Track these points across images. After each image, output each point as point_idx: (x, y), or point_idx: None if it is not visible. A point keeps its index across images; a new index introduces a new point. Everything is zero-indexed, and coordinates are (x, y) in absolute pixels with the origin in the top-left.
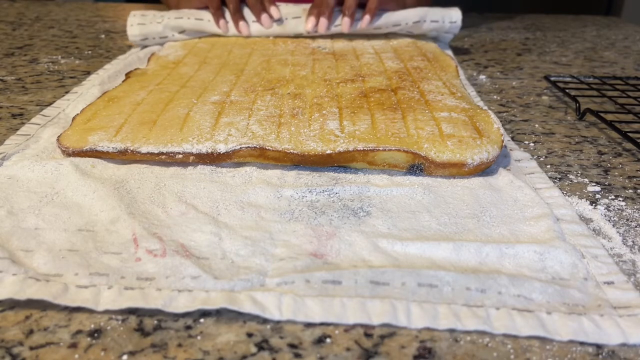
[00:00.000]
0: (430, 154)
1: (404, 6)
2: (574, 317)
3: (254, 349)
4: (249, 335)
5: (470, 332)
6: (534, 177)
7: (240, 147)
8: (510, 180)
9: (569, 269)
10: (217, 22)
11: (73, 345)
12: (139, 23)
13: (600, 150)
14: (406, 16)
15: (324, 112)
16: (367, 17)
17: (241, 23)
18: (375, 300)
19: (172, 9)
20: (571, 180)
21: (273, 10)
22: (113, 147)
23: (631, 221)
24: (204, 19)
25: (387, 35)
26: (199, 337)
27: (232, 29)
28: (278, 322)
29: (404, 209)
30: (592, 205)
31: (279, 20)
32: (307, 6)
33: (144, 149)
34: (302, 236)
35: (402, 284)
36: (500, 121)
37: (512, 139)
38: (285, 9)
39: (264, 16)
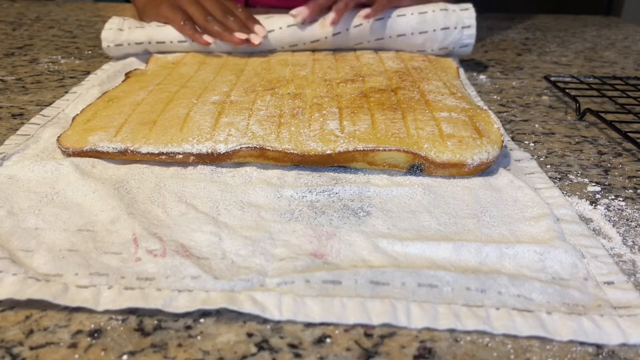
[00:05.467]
0: (430, 154)
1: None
2: (574, 317)
3: (254, 349)
4: (249, 335)
5: (470, 332)
6: (534, 177)
7: (240, 147)
8: (510, 180)
9: (569, 269)
10: (198, 40)
11: (73, 345)
12: (116, 44)
13: (600, 150)
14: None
15: (324, 112)
16: (367, 10)
17: (236, 34)
18: (375, 300)
19: (140, 14)
20: (571, 180)
21: (258, 29)
22: (113, 148)
23: (631, 221)
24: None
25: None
26: (199, 337)
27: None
28: (278, 322)
29: (404, 209)
30: (592, 205)
31: (265, 37)
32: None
33: (144, 149)
34: (302, 236)
35: (402, 284)
36: (500, 121)
37: (512, 139)
38: (281, 20)
39: (252, 36)
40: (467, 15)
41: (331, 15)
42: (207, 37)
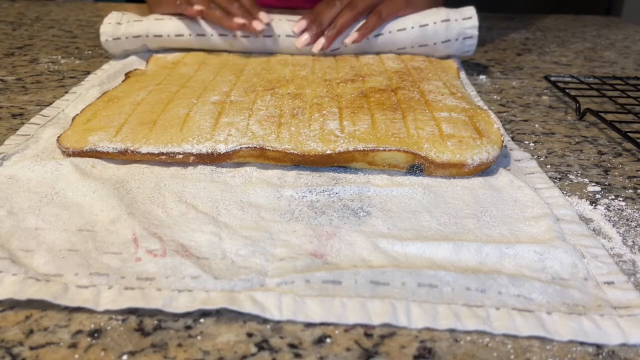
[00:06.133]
0: (430, 154)
1: (413, 8)
2: (574, 317)
3: (254, 349)
4: (249, 335)
5: (470, 332)
6: (534, 177)
7: (240, 147)
8: (510, 180)
9: (569, 269)
10: (185, 10)
11: (73, 345)
12: (114, 38)
13: (600, 150)
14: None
15: (324, 112)
16: (354, 35)
17: (235, 18)
18: (375, 300)
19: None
20: (571, 180)
21: (262, 15)
22: (113, 148)
23: (631, 221)
24: (185, 35)
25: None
26: (199, 337)
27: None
28: (278, 322)
29: (404, 209)
30: (592, 205)
31: (268, 25)
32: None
33: (144, 149)
34: (302, 236)
35: (402, 284)
36: (500, 121)
37: (512, 139)
38: (278, 26)
39: (255, 22)
40: (470, 25)
41: (321, 41)
42: (197, 6)
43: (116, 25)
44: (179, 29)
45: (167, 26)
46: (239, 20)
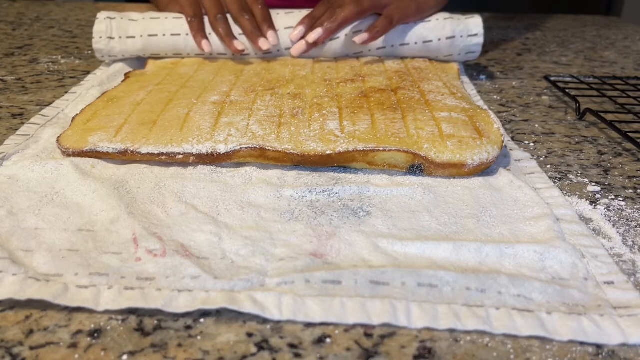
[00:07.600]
0: (430, 155)
1: (422, 13)
2: (574, 317)
3: (254, 349)
4: (249, 335)
5: (470, 332)
6: (534, 177)
7: (240, 148)
8: (510, 180)
9: (569, 269)
10: (198, 42)
11: (73, 345)
12: (107, 37)
13: (600, 150)
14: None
15: (324, 112)
16: (364, 35)
17: (236, 42)
18: (375, 300)
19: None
20: (571, 180)
21: (270, 34)
22: (113, 148)
23: (631, 221)
24: (181, 34)
25: None
26: (199, 337)
27: (214, 48)
28: (278, 322)
29: (404, 209)
30: (592, 205)
31: (275, 46)
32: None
33: (144, 150)
34: (302, 236)
35: (402, 284)
36: (500, 121)
37: (512, 139)
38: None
39: (262, 40)
40: (475, 42)
41: (318, 31)
42: (205, 44)
43: (108, 41)
44: (176, 48)
45: (164, 45)
46: (238, 46)
